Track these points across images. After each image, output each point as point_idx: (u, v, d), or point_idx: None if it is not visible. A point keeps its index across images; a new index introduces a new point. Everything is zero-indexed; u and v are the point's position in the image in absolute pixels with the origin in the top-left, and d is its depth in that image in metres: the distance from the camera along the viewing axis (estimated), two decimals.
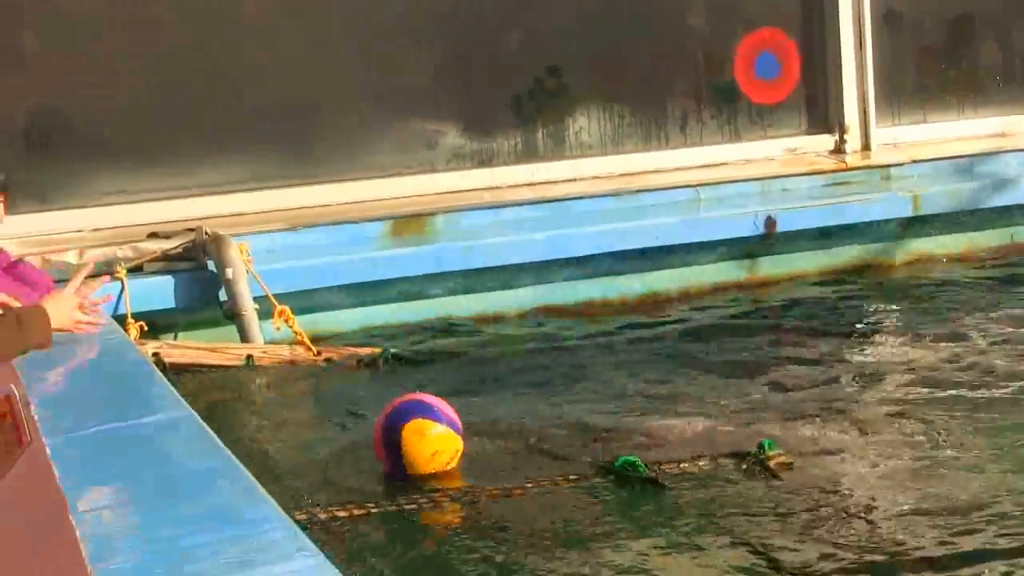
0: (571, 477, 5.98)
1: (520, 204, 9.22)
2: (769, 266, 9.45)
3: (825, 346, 7.97)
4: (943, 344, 7.86)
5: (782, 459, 6.02)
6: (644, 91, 9.94)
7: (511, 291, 8.92)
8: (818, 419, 6.62)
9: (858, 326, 8.43)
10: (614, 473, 5.92)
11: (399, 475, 6.00)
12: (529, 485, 5.92)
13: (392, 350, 8.03)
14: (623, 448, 6.17)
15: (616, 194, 9.36)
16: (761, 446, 6.05)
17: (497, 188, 9.46)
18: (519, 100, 9.69)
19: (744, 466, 6.02)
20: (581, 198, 9.29)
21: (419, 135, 9.54)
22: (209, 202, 8.92)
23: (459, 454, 6.11)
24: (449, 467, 6.07)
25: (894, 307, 8.80)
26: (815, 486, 5.83)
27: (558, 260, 8.92)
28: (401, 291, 8.68)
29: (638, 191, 9.41)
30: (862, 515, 5.51)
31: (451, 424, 6.14)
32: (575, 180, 9.62)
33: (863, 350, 7.91)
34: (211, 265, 8.10)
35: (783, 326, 8.57)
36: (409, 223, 8.89)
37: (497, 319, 8.82)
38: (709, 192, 9.46)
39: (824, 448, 6.26)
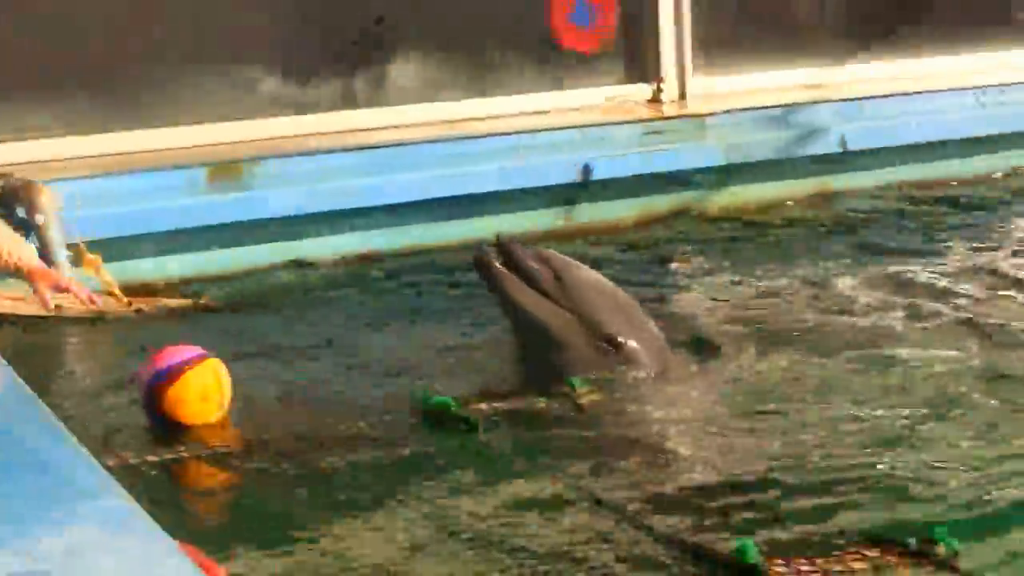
0: (385, 418, 6.02)
1: (339, 151, 9.18)
2: (587, 213, 9.54)
3: (640, 290, 8.09)
4: (755, 287, 8.08)
5: (592, 396, 6.12)
6: (465, 39, 9.96)
7: (328, 238, 8.90)
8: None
9: (674, 272, 8.56)
10: (425, 414, 5.98)
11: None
12: (343, 427, 5.96)
13: (204, 299, 7.99)
14: (434, 391, 6.22)
15: (435, 141, 9.37)
16: (570, 383, 6.14)
17: (316, 135, 9.42)
18: (340, 46, 9.66)
19: (555, 403, 6.10)
20: (401, 145, 9.28)
21: (237, 81, 9.46)
22: (19, 148, 8.77)
23: (224, 383, 6.12)
24: (225, 401, 6.10)
25: (709, 254, 8.94)
26: (625, 422, 5.98)
27: (377, 207, 8.92)
28: (216, 239, 8.61)
29: (457, 138, 9.43)
30: (669, 450, 5.66)
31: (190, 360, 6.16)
32: (395, 127, 9.62)
33: (677, 295, 8.04)
34: (21, 212, 7.96)
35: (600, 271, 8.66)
36: (226, 170, 8.82)
37: (314, 266, 8.80)
38: (528, 140, 9.51)
39: (632, 386, 6.39)
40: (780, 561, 4.53)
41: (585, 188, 9.46)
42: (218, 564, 3.80)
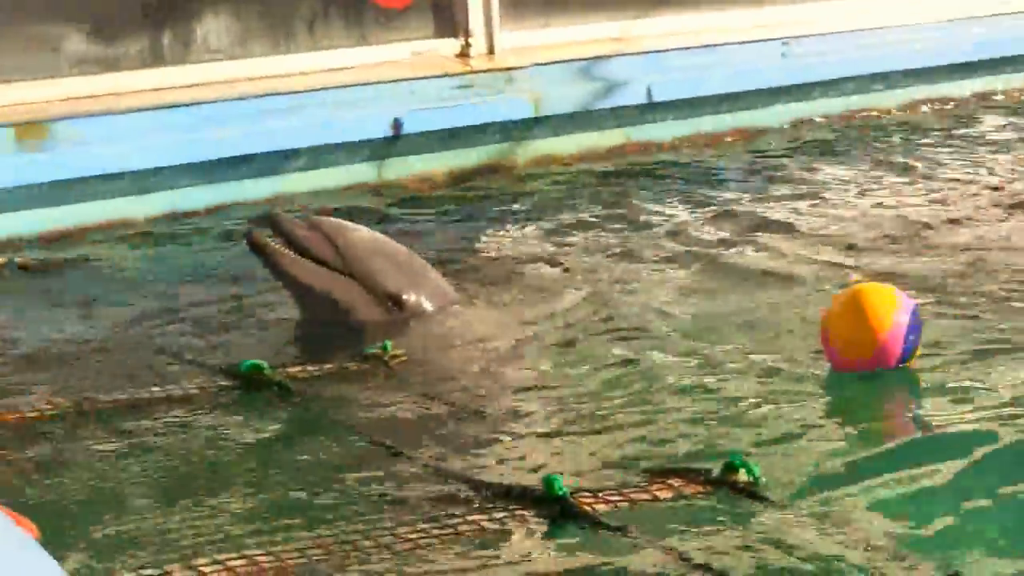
0: (200, 385, 5.99)
1: (147, 110, 9.11)
2: (398, 168, 9.60)
3: (452, 243, 8.20)
4: (568, 239, 8.20)
5: (402, 358, 6.19)
6: None
7: (140, 197, 8.85)
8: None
9: (485, 225, 8.65)
10: (240, 378, 5.98)
11: None
12: (156, 389, 5.95)
13: (17, 259, 7.91)
14: (250, 355, 6.19)
15: (243, 99, 9.34)
16: (383, 347, 6.19)
17: (124, 93, 9.33)
18: (146, 4, 9.57)
19: (368, 365, 6.16)
20: (208, 103, 9.24)
21: (41, 39, 9.34)
22: None
23: None
24: None
25: (517, 206, 9.05)
26: (434, 377, 6.06)
27: (185, 165, 8.89)
28: (27, 199, 8.52)
29: (265, 95, 9.41)
30: (474, 401, 5.77)
31: None
32: (202, 85, 9.56)
33: (489, 246, 8.14)
34: None
35: (413, 229, 8.73)
36: (29, 129, 8.71)
37: (126, 225, 8.74)
38: (336, 95, 9.53)
39: (445, 343, 6.48)
40: (587, 492, 4.65)
41: (395, 143, 9.51)
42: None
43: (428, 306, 6.60)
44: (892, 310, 5.63)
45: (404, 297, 6.55)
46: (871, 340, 5.61)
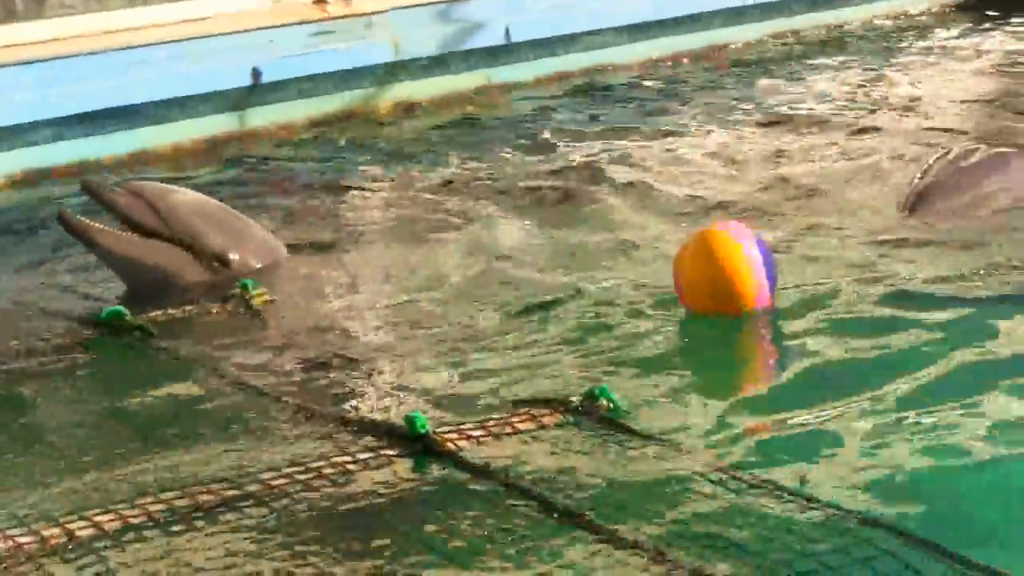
0: (60, 335, 5.97)
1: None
2: (259, 116, 9.56)
3: (315, 191, 8.20)
4: (429, 183, 8.22)
5: (265, 297, 6.20)
6: None
7: None
8: (304, 259, 6.86)
9: (347, 171, 8.65)
10: (101, 325, 5.95)
11: None
12: (14, 343, 5.91)
13: None
14: (111, 302, 6.20)
15: (99, 52, 9.24)
16: (244, 286, 6.20)
17: None
18: None
19: (228, 307, 6.16)
20: (62, 58, 9.12)
21: None
22: None
23: None
24: None
25: (379, 152, 9.06)
26: (296, 320, 6.08)
27: (42, 121, 8.79)
28: None
29: (122, 48, 9.32)
30: (338, 344, 5.79)
31: None
32: (57, 40, 9.44)
33: (351, 193, 8.14)
34: None
35: (272, 176, 8.72)
36: None
37: None
38: (194, 46, 9.45)
39: (309, 283, 6.51)
40: (449, 427, 4.69)
41: (255, 92, 9.46)
42: None
43: (255, 263, 6.59)
44: (739, 251, 5.60)
45: (230, 256, 6.54)
46: (731, 291, 5.60)
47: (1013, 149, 7.22)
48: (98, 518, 4.26)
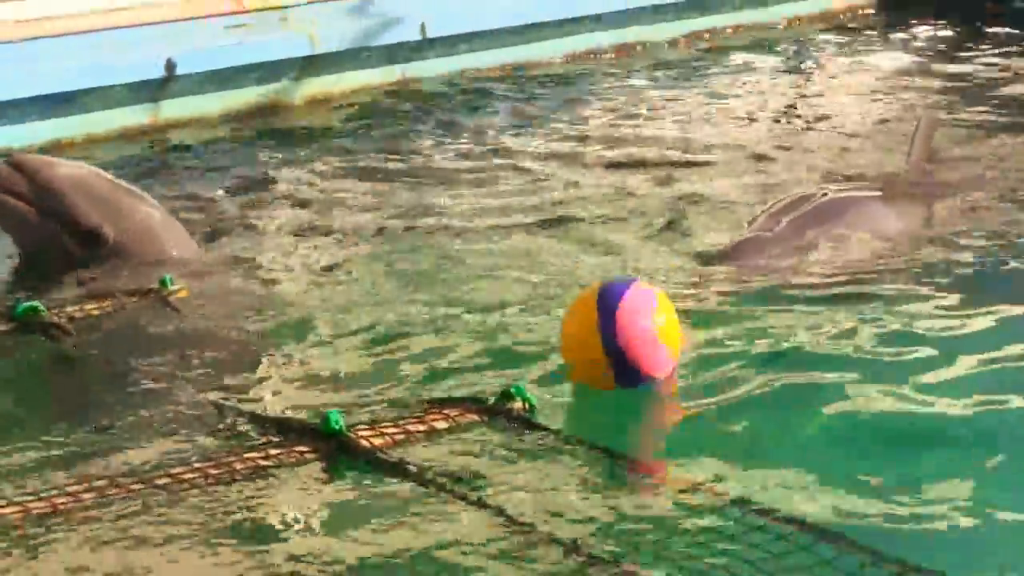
0: None
1: None
2: (173, 109, 9.50)
3: (228, 183, 8.17)
4: (348, 177, 8.22)
5: (182, 293, 6.17)
6: None
7: None
8: (219, 254, 6.83)
9: (260, 165, 8.61)
10: (16, 320, 5.87)
11: None
12: None
13: None
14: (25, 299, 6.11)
15: (10, 42, 9.14)
16: (163, 281, 6.15)
17: None
18: None
19: (143, 301, 6.12)
20: None
21: None
22: None
23: None
24: None
25: (293, 146, 9.04)
26: (212, 313, 6.04)
27: None
28: None
29: (34, 38, 9.22)
30: (253, 339, 5.79)
31: None
32: None
33: (265, 190, 8.10)
34: None
35: (186, 168, 8.68)
36: None
37: None
38: (108, 37, 9.37)
39: (224, 280, 6.48)
40: (364, 425, 4.70)
41: (169, 84, 9.41)
42: None
43: (133, 241, 6.51)
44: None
45: (103, 231, 6.46)
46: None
47: (859, 194, 6.82)
48: (2, 510, 4.24)
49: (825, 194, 6.60)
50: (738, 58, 11.13)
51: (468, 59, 10.55)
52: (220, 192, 8.00)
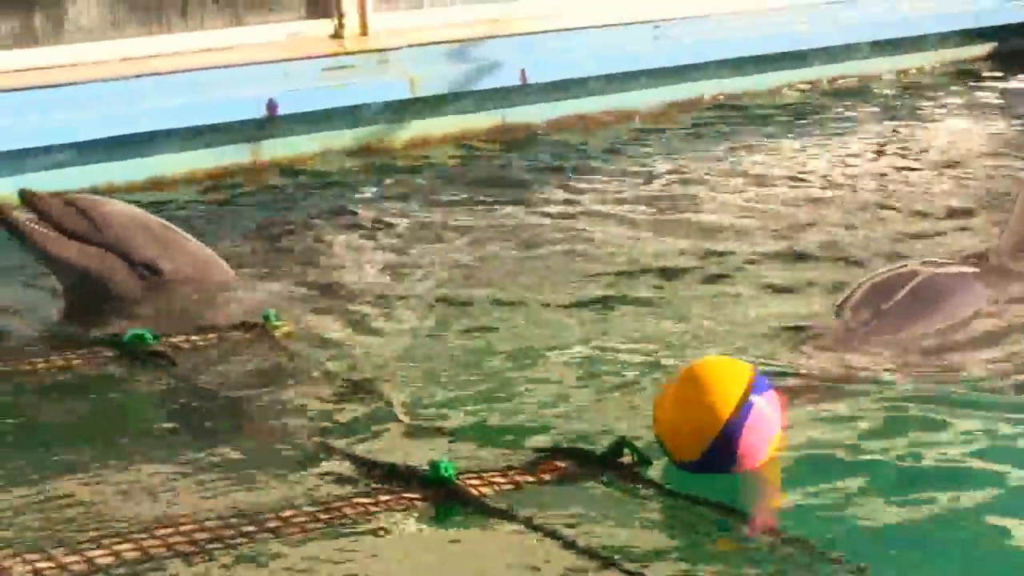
0: (82, 355, 5.97)
1: (16, 90, 8.97)
2: (272, 150, 9.56)
3: (324, 226, 8.19)
4: (445, 219, 8.21)
5: (286, 329, 6.19)
6: None
7: (9, 179, 8.67)
8: (323, 297, 6.84)
9: (357, 207, 8.63)
10: (120, 347, 5.96)
11: None
12: (37, 363, 5.90)
13: None
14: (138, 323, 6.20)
15: (116, 79, 9.23)
16: (267, 318, 6.21)
17: None
18: None
19: (249, 336, 6.16)
20: (80, 83, 9.12)
21: None
22: None
23: None
24: None
25: (391, 188, 9.06)
26: (318, 350, 6.08)
27: (55, 146, 8.77)
28: None
29: (138, 76, 9.31)
30: (353, 373, 5.81)
31: None
32: (75, 66, 9.44)
33: (364, 233, 8.11)
34: None
35: (285, 208, 8.72)
36: None
37: None
38: (210, 76, 9.46)
39: (328, 321, 6.49)
40: (473, 475, 4.68)
41: (270, 124, 9.46)
42: None
43: (188, 272, 6.71)
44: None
45: (158, 264, 6.64)
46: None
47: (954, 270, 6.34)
48: (117, 547, 4.26)
49: (916, 273, 6.11)
50: (837, 110, 11.06)
51: (568, 105, 10.54)
52: (319, 232, 8.02)
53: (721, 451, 4.65)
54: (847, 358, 5.68)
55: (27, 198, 6.70)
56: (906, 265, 6.29)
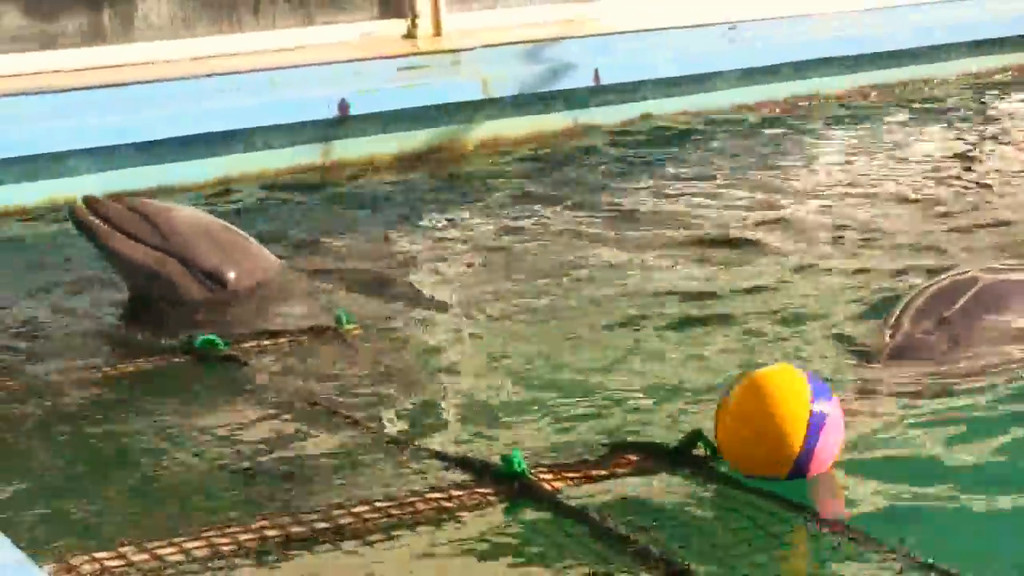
0: (153, 361, 5.94)
1: (87, 88, 8.96)
2: (345, 149, 9.50)
3: (398, 226, 8.13)
4: (517, 220, 8.15)
5: (358, 331, 6.13)
6: None
7: (84, 177, 8.69)
8: (393, 294, 6.80)
9: (432, 207, 8.57)
10: (192, 352, 5.91)
11: None
12: (108, 370, 5.88)
13: None
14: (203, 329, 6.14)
15: (188, 78, 9.22)
16: (339, 319, 6.15)
17: (62, 71, 9.18)
18: None
19: (325, 339, 6.10)
20: (150, 82, 9.10)
21: None
22: None
23: None
24: None
25: (465, 189, 8.99)
26: (389, 352, 6.01)
27: (126, 145, 8.74)
28: None
29: (209, 75, 9.29)
30: (425, 370, 5.76)
31: None
32: (145, 64, 9.44)
33: (436, 233, 8.05)
34: None
35: (357, 209, 8.67)
36: None
37: (55, 209, 8.53)
38: (283, 75, 9.42)
39: (398, 322, 6.43)
40: (546, 469, 4.58)
41: (342, 124, 9.41)
42: None
43: (249, 282, 6.66)
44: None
45: (226, 275, 6.61)
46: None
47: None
48: (187, 544, 4.19)
49: (976, 278, 5.88)
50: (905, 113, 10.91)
51: (641, 106, 10.43)
52: (389, 232, 7.98)
53: (798, 472, 4.52)
54: (915, 368, 5.51)
55: (91, 202, 6.71)
56: (967, 272, 6.07)
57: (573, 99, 10.18)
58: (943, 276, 6.12)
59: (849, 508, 4.58)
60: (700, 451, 4.67)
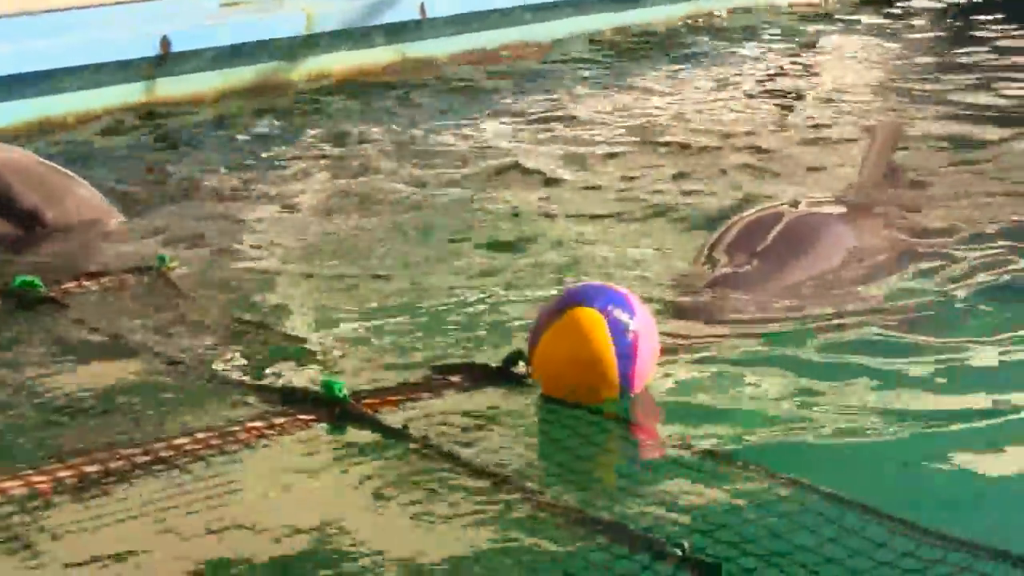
0: None
1: None
2: (167, 88, 9.40)
3: (223, 162, 8.08)
4: (346, 155, 8.17)
5: (178, 269, 6.10)
6: None
7: None
8: (216, 236, 6.76)
9: (255, 143, 8.53)
10: (12, 295, 5.80)
11: None
12: None
13: None
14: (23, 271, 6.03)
15: (5, 17, 9.03)
16: (160, 259, 6.10)
17: None
18: None
19: (146, 279, 6.05)
20: None
21: None
22: None
23: None
24: None
25: (291, 128, 8.96)
26: (212, 290, 5.98)
27: None
28: None
29: (26, 14, 9.12)
30: (255, 310, 5.74)
31: None
32: None
33: (258, 171, 8.01)
34: None
35: (182, 146, 8.60)
36: None
37: None
38: (103, 14, 9.28)
39: (222, 261, 6.41)
40: (369, 393, 4.62)
41: (164, 62, 9.31)
42: None
43: (70, 221, 6.61)
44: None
45: (43, 212, 6.56)
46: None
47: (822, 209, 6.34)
48: (4, 484, 4.16)
49: (780, 214, 6.11)
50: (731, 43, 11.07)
51: (466, 40, 10.45)
52: (211, 173, 7.91)
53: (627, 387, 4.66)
54: (733, 303, 5.59)
55: None
56: (772, 207, 6.27)
57: (398, 33, 10.16)
58: (750, 211, 6.28)
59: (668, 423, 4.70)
60: (523, 368, 4.73)
